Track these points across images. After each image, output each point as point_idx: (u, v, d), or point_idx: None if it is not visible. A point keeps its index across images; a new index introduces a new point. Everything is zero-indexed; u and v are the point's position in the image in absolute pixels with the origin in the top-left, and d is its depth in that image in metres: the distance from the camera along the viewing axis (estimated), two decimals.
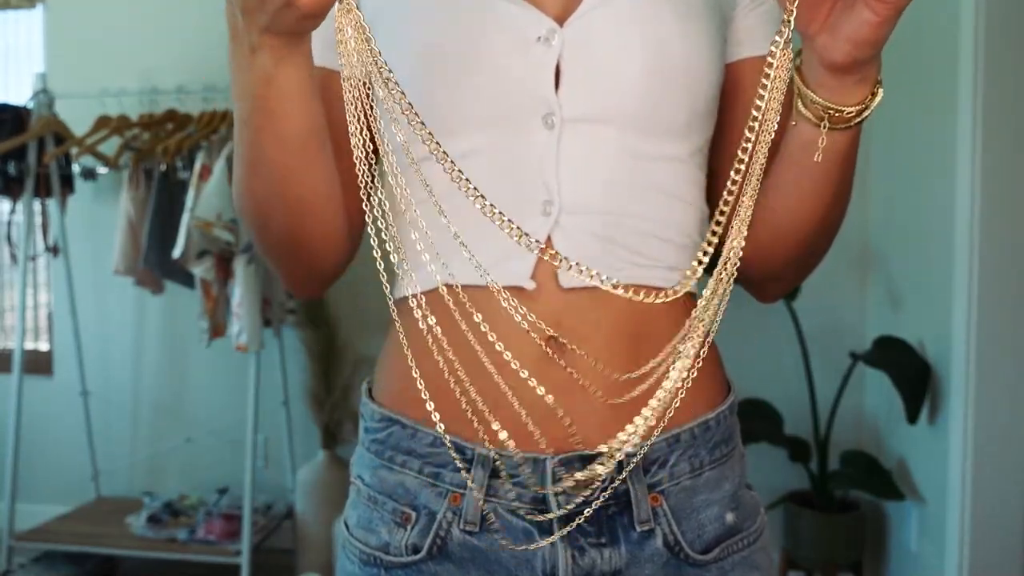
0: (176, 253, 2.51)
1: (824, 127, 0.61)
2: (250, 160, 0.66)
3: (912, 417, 2.18)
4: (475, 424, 0.65)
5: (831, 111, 0.60)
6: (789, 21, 0.55)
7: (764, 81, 0.57)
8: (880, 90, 0.60)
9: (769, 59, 0.57)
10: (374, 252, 0.62)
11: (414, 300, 0.64)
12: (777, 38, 0.56)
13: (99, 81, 2.92)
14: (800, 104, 0.62)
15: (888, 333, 2.41)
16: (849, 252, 2.69)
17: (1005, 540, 2.02)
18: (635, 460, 0.69)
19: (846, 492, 2.51)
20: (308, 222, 0.69)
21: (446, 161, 0.57)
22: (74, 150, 2.84)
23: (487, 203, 0.56)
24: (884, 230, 2.60)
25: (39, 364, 3.27)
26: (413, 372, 0.63)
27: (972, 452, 2.01)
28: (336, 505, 2.70)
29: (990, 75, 1.95)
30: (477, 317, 0.62)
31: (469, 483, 0.69)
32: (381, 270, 0.62)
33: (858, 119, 0.61)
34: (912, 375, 2.21)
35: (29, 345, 3.24)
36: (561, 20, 0.68)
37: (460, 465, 0.69)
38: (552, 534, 0.68)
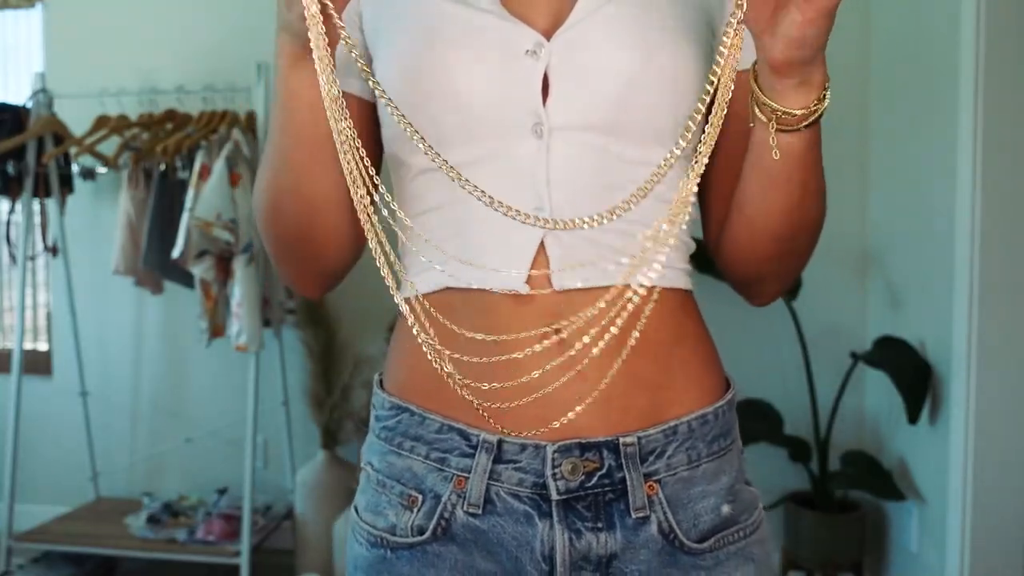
0: (175, 253, 2.51)
1: (772, 128, 0.63)
2: (270, 155, 0.72)
3: (912, 417, 2.17)
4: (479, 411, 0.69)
5: (778, 113, 0.62)
6: (741, 4, 0.59)
7: (718, 58, 0.61)
8: (827, 97, 0.62)
9: (723, 38, 0.61)
10: (374, 256, 0.64)
11: (413, 302, 0.68)
12: (731, 19, 0.60)
13: (98, 81, 2.92)
14: (754, 107, 0.64)
15: (888, 333, 2.41)
16: (849, 252, 2.69)
17: (1006, 540, 2.02)
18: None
19: (846, 492, 2.51)
20: (318, 221, 0.74)
21: (451, 171, 0.60)
22: (73, 150, 2.84)
23: (489, 197, 0.60)
24: (884, 230, 2.60)
25: (38, 364, 3.27)
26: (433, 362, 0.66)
27: (973, 452, 2.01)
28: (336, 505, 2.70)
29: (990, 75, 1.95)
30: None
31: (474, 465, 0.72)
32: (383, 270, 0.63)
33: (805, 123, 0.63)
34: (912, 375, 2.21)
35: (28, 345, 3.24)
36: (549, 34, 0.71)
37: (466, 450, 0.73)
38: (552, 517, 0.71)
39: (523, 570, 0.72)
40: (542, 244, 0.71)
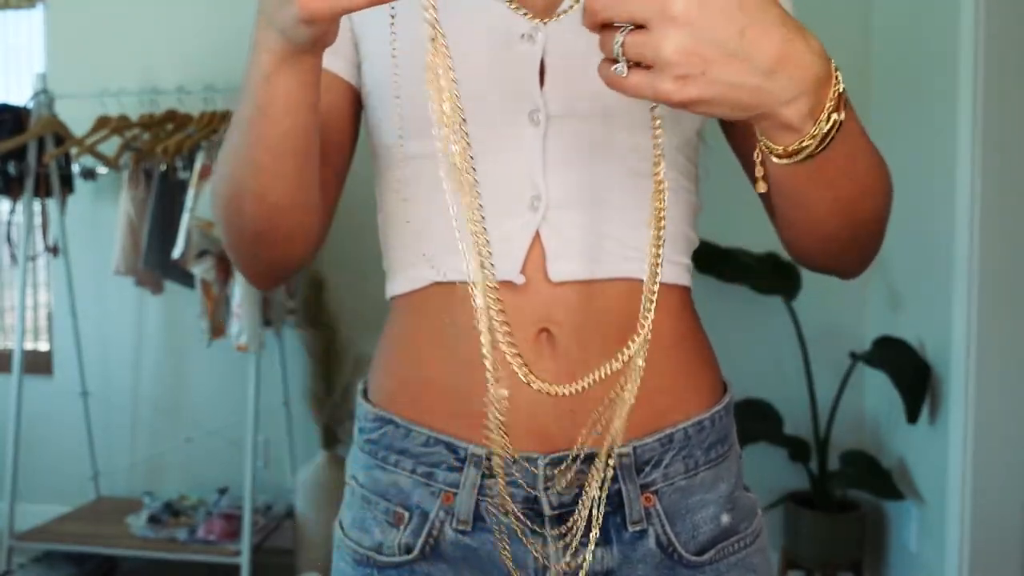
0: (176, 253, 2.51)
1: (757, 157, 0.59)
2: (235, 149, 0.65)
3: (912, 417, 2.18)
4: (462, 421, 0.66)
5: (765, 147, 0.57)
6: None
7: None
8: (819, 131, 0.55)
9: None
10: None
11: (404, 299, 0.65)
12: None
13: (99, 81, 2.92)
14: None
15: (888, 333, 2.41)
16: None
17: (1005, 540, 2.02)
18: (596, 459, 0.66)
19: (846, 492, 2.51)
20: (278, 223, 0.68)
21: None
22: (74, 150, 2.84)
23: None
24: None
25: (39, 364, 3.27)
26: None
27: (972, 452, 2.01)
28: (336, 505, 2.69)
29: (990, 75, 1.95)
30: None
31: (462, 481, 0.69)
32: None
33: (799, 157, 0.56)
34: (912, 375, 2.22)
35: (29, 345, 3.24)
36: (545, 17, 0.68)
37: (453, 464, 0.69)
38: (545, 534, 0.69)
39: None
40: (537, 233, 0.69)
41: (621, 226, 0.70)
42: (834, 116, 0.54)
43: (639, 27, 0.49)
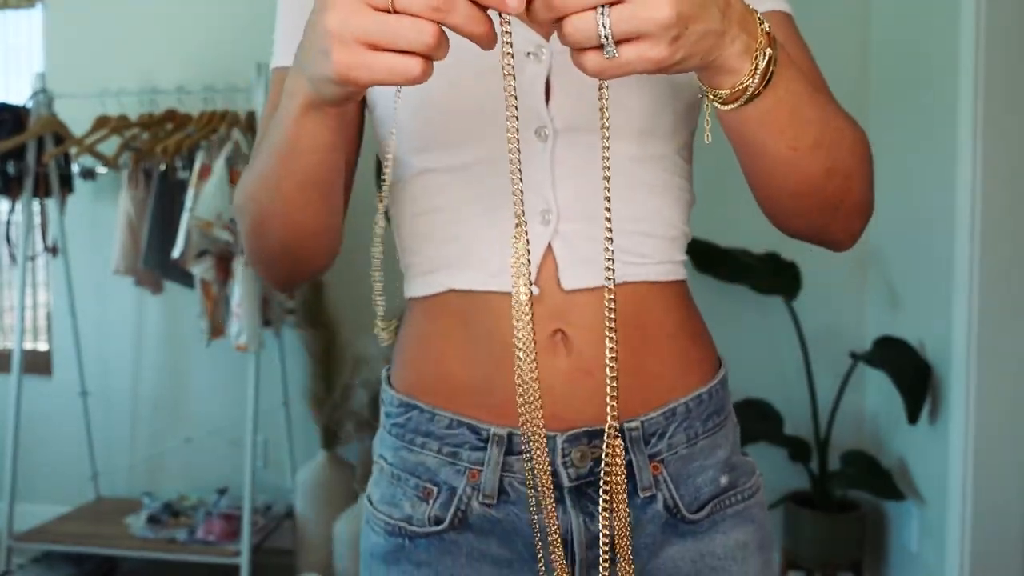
0: (176, 253, 2.51)
1: (708, 108, 0.62)
2: (262, 174, 0.69)
3: (912, 417, 2.18)
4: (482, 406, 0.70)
5: (705, 92, 0.60)
6: None
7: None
8: (758, 71, 0.57)
9: None
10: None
11: (422, 303, 0.70)
12: None
13: (98, 81, 2.92)
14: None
15: (888, 333, 2.41)
16: (849, 252, 2.67)
17: (1005, 540, 2.02)
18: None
19: (846, 492, 2.51)
20: (301, 243, 0.73)
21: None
22: (73, 150, 2.84)
23: None
24: (884, 230, 2.60)
25: (38, 364, 3.27)
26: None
27: (972, 452, 2.02)
28: (336, 505, 2.70)
29: (991, 74, 1.95)
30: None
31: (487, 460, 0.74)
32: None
33: (741, 101, 0.59)
34: (912, 375, 2.22)
35: (28, 345, 3.24)
36: (549, 35, 0.70)
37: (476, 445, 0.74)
38: (565, 503, 0.74)
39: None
40: (549, 246, 0.72)
41: (627, 234, 0.73)
42: (768, 51, 0.57)
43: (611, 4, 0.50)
